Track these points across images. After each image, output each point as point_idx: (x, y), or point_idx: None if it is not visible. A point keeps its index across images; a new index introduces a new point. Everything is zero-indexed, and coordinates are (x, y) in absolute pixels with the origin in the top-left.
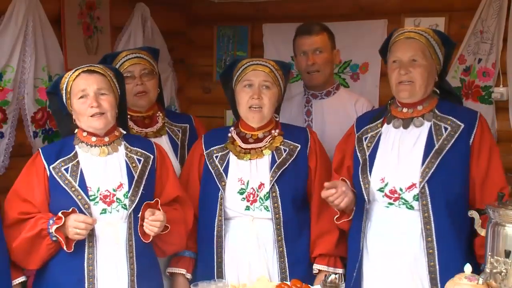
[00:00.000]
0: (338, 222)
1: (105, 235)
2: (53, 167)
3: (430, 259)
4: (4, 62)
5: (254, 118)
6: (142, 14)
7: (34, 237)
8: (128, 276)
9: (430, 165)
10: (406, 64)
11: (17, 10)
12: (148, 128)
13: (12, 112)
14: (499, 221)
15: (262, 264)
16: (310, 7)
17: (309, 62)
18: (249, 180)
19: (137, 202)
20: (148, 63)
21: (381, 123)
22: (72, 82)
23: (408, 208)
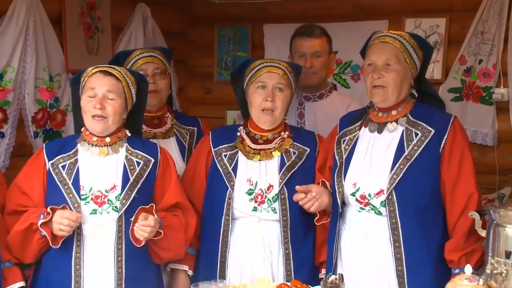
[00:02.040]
0: (318, 224)
1: (93, 236)
2: (52, 163)
3: (398, 264)
4: (5, 62)
5: (266, 121)
6: (142, 15)
7: (25, 231)
8: (115, 280)
9: (398, 171)
10: (380, 68)
11: (18, 10)
12: (157, 128)
13: (13, 112)
14: (500, 222)
15: (266, 266)
16: (311, 7)
17: (307, 64)
18: (258, 181)
19: (128, 205)
20: (162, 63)
21: (359, 126)
22: (88, 78)
23: (377, 213)
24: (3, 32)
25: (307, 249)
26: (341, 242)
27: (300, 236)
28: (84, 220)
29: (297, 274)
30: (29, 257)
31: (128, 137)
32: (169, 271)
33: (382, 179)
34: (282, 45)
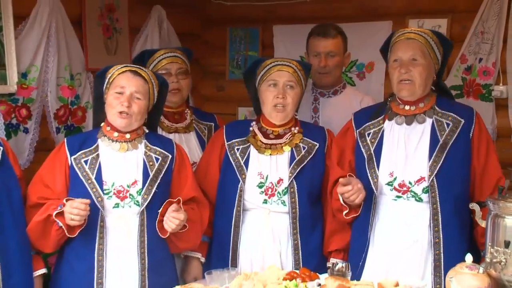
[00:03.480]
0: (347, 218)
1: (116, 229)
2: (74, 158)
3: (436, 248)
4: (29, 61)
5: (278, 116)
6: (158, 16)
7: (44, 222)
8: (138, 270)
9: (437, 159)
10: (407, 63)
11: (41, 13)
12: (178, 123)
13: (36, 109)
14: (499, 213)
15: (276, 255)
16: (318, 9)
17: (321, 64)
18: (269, 175)
19: (150, 200)
20: (184, 63)
21: (383, 119)
22: (117, 76)
23: (417, 200)
24: (27, 33)
25: (315, 240)
26: (374, 231)
27: (308, 227)
28: (107, 213)
29: (306, 263)
30: (48, 247)
31: (146, 133)
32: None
33: (422, 167)
34: (290, 45)
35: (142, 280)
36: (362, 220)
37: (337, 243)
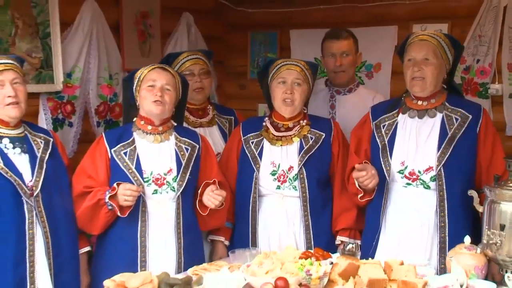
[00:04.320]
0: (362, 201)
1: (156, 212)
2: (114, 150)
3: (442, 231)
4: (73, 63)
5: (287, 110)
6: (187, 22)
7: (94, 206)
8: (176, 249)
9: (445, 150)
10: (419, 62)
11: (84, 20)
12: (202, 118)
13: (80, 105)
14: (495, 199)
15: (290, 236)
16: (330, 15)
17: (336, 63)
18: (280, 163)
19: (184, 185)
20: (205, 63)
21: (397, 113)
22: (147, 73)
23: (425, 187)
24: (71, 38)
25: (325, 220)
26: (386, 215)
27: (318, 209)
28: (147, 199)
29: (316, 242)
30: (96, 229)
31: (175, 126)
32: (210, 241)
33: (431, 158)
34: (306, 47)
35: (179, 257)
36: (375, 205)
37: (343, 222)
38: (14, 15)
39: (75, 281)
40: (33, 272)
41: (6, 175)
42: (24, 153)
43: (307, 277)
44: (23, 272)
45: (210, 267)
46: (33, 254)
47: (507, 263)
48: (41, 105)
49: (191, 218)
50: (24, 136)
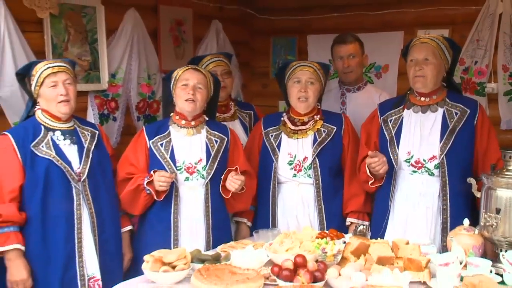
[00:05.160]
0: (372, 187)
1: (187, 197)
2: (152, 142)
3: (444, 214)
4: (117, 65)
5: (301, 106)
6: (216, 28)
7: (134, 190)
8: (205, 229)
9: (447, 141)
10: (420, 62)
11: (126, 27)
12: (225, 114)
13: (122, 102)
14: (492, 186)
15: (306, 218)
16: (344, 22)
17: (345, 65)
18: (296, 154)
19: (213, 174)
20: (227, 65)
21: (402, 108)
22: (182, 73)
23: (429, 174)
24: (115, 43)
25: (336, 205)
26: (394, 200)
27: (330, 195)
28: (180, 185)
29: (328, 224)
30: (137, 210)
31: (206, 121)
32: (235, 223)
33: (434, 148)
34: (322, 51)
35: (207, 237)
36: (384, 190)
37: (353, 206)
38: (67, 23)
39: (117, 255)
40: (81, 247)
41: (57, 163)
42: (73, 144)
43: (323, 254)
44: (72, 247)
45: (237, 245)
46: (81, 232)
47: (502, 243)
48: (89, 102)
49: (219, 202)
50: (73, 129)
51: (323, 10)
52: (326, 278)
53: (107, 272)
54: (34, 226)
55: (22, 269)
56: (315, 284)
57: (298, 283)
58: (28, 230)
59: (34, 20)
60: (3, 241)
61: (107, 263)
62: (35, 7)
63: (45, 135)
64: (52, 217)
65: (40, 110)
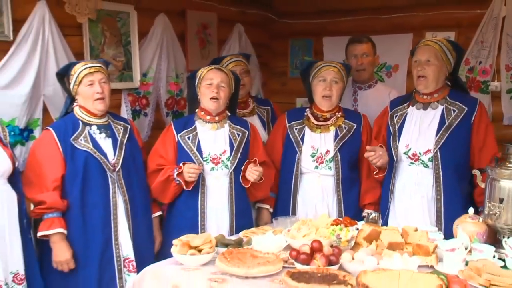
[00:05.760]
0: (376, 176)
1: (213, 186)
2: (180, 135)
3: (438, 203)
4: (148, 65)
5: (326, 104)
6: (239, 31)
7: (165, 181)
8: (229, 215)
9: (442, 136)
10: (423, 63)
11: (157, 31)
12: (244, 110)
13: (153, 99)
14: (495, 177)
15: (324, 207)
16: (357, 25)
17: (358, 63)
18: (319, 148)
19: (236, 164)
20: (245, 64)
21: (407, 105)
22: (206, 72)
23: (425, 166)
24: (146, 45)
25: (353, 196)
26: (394, 188)
27: (348, 186)
28: (206, 175)
29: (346, 212)
30: (167, 198)
31: (229, 116)
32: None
33: (429, 142)
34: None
35: (231, 222)
36: (387, 180)
37: (369, 198)
38: (103, 27)
39: (149, 239)
40: (116, 231)
41: (95, 155)
42: (108, 137)
43: (338, 240)
44: (109, 231)
45: (258, 231)
46: (116, 218)
47: (505, 230)
48: (123, 99)
49: (241, 191)
50: (108, 124)
51: (337, 14)
52: (340, 262)
53: (140, 253)
54: (74, 212)
55: (66, 251)
56: (330, 267)
57: (314, 266)
58: (69, 216)
59: (74, 25)
60: (48, 225)
61: (140, 246)
62: (75, 13)
63: (83, 129)
64: (90, 204)
65: (78, 106)
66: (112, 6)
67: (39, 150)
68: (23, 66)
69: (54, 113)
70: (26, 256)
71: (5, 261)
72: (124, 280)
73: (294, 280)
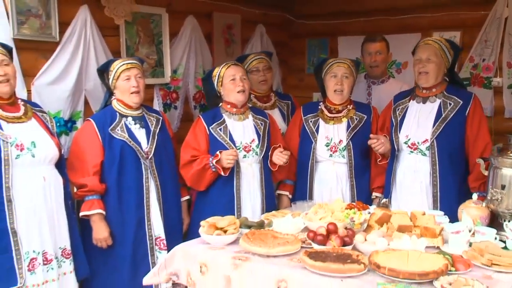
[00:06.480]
0: (380, 163)
1: (246, 172)
2: (212, 128)
3: (434, 188)
4: (178, 62)
5: (338, 98)
6: (261, 32)
7: (201, 170)
8: (261, 198)
9: (438, 127)
10: (424, 60)
11: (186, 31)
12: (266, 103)
13: (182, 93)
14: (498, 165)
15: (339, 192)
16: (369, 25)
17: (372, 60)
18: (332, 137)
19: (264, 150)
20: (268, 62)
21: (409, 99)
22: (225, 71)
23: (422, 155)
24: (176, 45)
25: (365, 181)
26: (396, 175)
27: (360, 173)
28: (239, 162)
29: (359, 197)
30: (203, 186)
31: (250, 107)
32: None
33: (427, 132)
34: (350, 50)
35: (262, 203)
36: (389, 167)
37: (378, 182)
38: (138, 28)
39: (178, 220)
40: (149, 213)
41: (130, 144)
42: (142, 128)
43: (351, 223)
44: (142, 213)
45: (278, 214)
46: (149, 201)
47: (506, 214)
48: (155, 93)
49: (269, 174)
50: (142, 115)
51: (351, 15)
52: (354, 243)
53: (170, 233)
54: (111, 195)
55: (104, 230)
56: (344, 247)
57: (330, 246)
58: (107, 198)
59: (112, 26)
60: (89, 206)
61: (170, 226)
62: (113, 15)
63: (120, 120)
64: (125, 188)
65: (115, 99)
66: (146, 9)
67: (81, 139)
68: (67, 64)
69: (94, 105)
70: (71, 233)
71: (55, 238)
72: (155, 257)
73: (311, 259)
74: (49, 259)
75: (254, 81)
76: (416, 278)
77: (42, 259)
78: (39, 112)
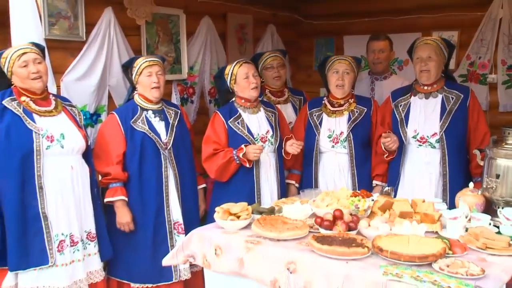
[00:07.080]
0: (387, 159)
1: (264, 161)
2: (230, 122)
3: (444, 178)
4: (194, 60)
5: (339, 92)
6: (271, 31)
7: (226, 162)
8: (277, 183)
9: (445, 121)
10: (425, 59)
11: (202, 31)
12: (280, 98)
13: (198, 89)
14: (493, 156)
15: (342, 180)
16: (373, 25)
17: (375, 57)
18: (334, 130)
19: (279, 141)
20: (282, 59)
21: (409, 96)
22: (238, 68)
23: (432, 147)
24: (193, 43)
25: (366, 170)
26: (404, 167)
27: (361, 163)
28: None
29: (360, 185)
30: (226, 177)
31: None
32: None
33: (435, 126)
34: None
35: (278, 191)
36: (396, 161)
37: (378, 170)
38: (157, 28)
39: (195, 206)
40: (168, 200)
41: (150, 135)
42: (161, 121)
43: (356, 209)
44: (161, 199)
45: (287, 201)
46: (168, 188)
47: (500, 201)
48: (173, 89)
49: (282, 163)
50: (161, 109)
51: (356, 16)
52: (358, 228)
53: (188, 218)
54: (133, 182)
55: (126, 215)
56: (349, 232)
57: (336, 231)
58: (129, 186)
59: (134, 26)
60: (113, 193)
61: (187, 212)
62: (135, 16)
63: (141, 113)
64: (146, 176)
65: (137, 94)
66: (165, 10)
67: (105, 131)
68: (92, 62)
69: (117, 100)
70: (96, 218)
71: (81, 222)
72: (174, 240)
73: (319, 243)
74: (75, 241)
75: (269, 77)
76: (416, 260)
77: (69, 241)
78: (68, 106)
